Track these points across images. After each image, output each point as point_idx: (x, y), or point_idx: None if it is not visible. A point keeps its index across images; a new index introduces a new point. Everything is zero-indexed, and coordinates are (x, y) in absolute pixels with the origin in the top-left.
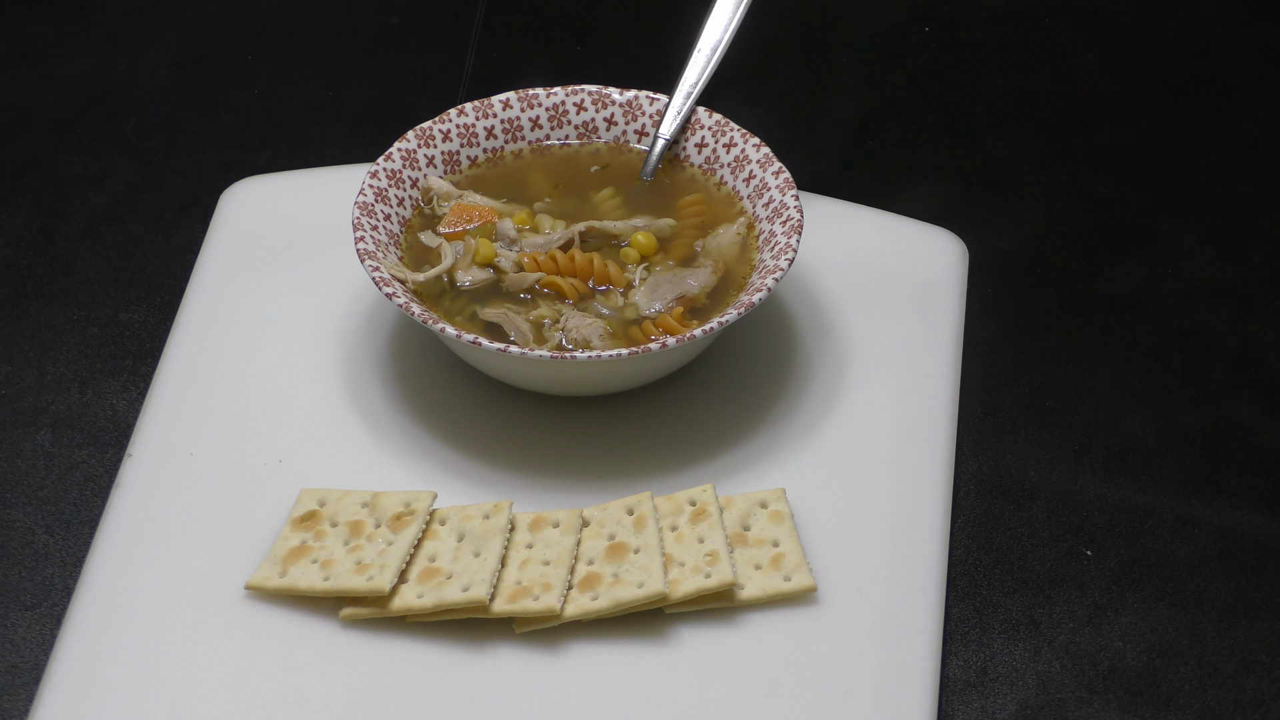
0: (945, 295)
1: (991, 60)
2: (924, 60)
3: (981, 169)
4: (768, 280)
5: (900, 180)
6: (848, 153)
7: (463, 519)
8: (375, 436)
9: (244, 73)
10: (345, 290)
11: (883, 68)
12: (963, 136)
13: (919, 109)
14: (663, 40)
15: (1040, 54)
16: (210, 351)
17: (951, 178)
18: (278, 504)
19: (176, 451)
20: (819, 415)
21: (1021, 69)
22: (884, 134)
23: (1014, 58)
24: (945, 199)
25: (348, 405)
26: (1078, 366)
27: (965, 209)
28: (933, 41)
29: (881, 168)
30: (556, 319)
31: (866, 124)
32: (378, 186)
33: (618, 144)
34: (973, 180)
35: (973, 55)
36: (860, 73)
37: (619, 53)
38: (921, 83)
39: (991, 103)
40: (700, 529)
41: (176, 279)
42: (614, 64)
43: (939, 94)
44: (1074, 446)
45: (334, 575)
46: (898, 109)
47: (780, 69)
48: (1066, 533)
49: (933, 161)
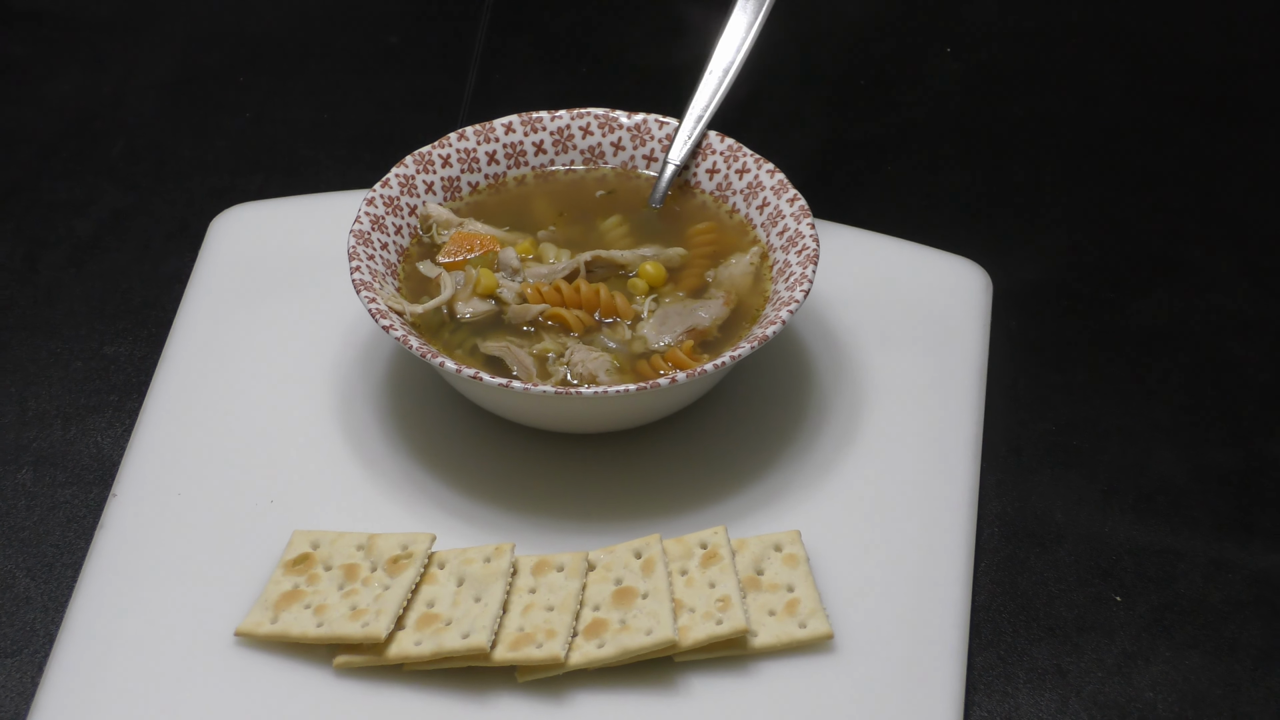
0: (967, 327)
1: (1014, 81)
2: (944, 82)
3: (1005, 195)
4: (782, 312)
5: (920, 207)
6: (865, 179)
7: (463, 562)
8: (371, 476)
9: (235, 94)
10: (340, 323)
11: (902, 89)
12: (985, 161)
13: (939, 132)
14: (673, 62)
15: (1065, 75)
16: (199, 386)
17: (974, 204)
18: (269, 546)
19: (163, 491)
20: (835, 454)
21: (1046, 90)
22: (903, 159)
23: (1038, 79)
24: (967, 227)
25: (342, 443)
26: (1105, 402)
27: (988, 237)
28: (953, 62)
29: (901, 194)
30: (561, 353)
31: (885, 148)
32: (374, 214)
33: (625, 169)
34: (996, 207)
35: (995, 76)
36: (878, 95)
37: (627, 74)
38: (942, 105)
39: (1015, 126)
40: (711, 573)
41: (164, 310)
42: (622, 86)
43: (960, 117)
44: (1102, 487)
45: (328, 621)
46: (917, 132)
47: (795, 91)
48: (1094, 577)
49: (954, 187)
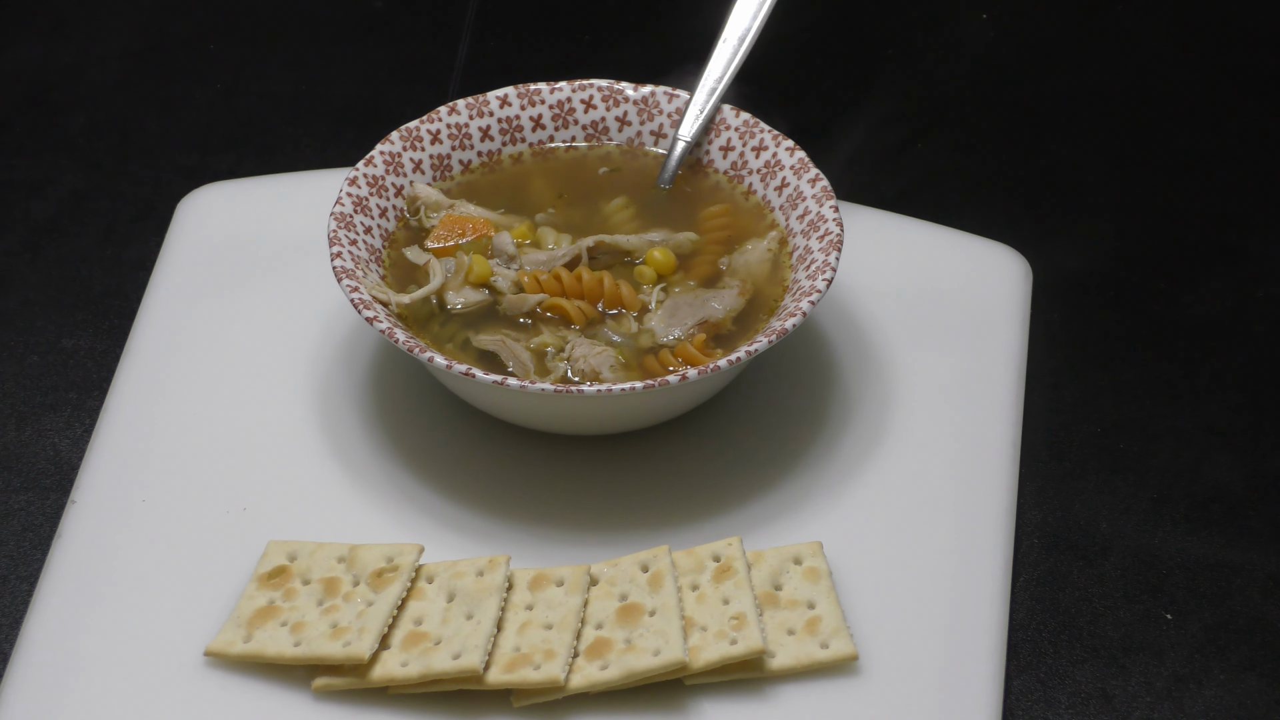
0: (1005, 321)
1: (1058, 51)
2: (981, 53)
3: (1047, 176)
4: (803, 303)
5: (954, 189)
6: (894, 158)
7: (453, 576)
8: (354, 481)
9: (205, 65)
10: (320, 314)
11: (934, 61)
12: (1025, 139)
13: (975, 107)
14: (683, 29)
15: (1113, 44)
16: (166, 383)
17: (1013, 186)
18: (242, 558)
19: (127, 498)
20: (861, 458)
21: (1092, 61)
22: (936, 136)
23: (1083, 48)
24: (1005, 210)
25: (322, 445)
26: (1155, 403)
27: (1028, 222)
28: (991, 31)
29: (932, 175)
30: (561, 347)
31: (916, 125)
32: (357, 195)
33: (631, 147)
34: (1037, 189)
35: (1036, 45)
36: (909, 67)
37: (633, 43)
38: (978, 78)
39: (1058, 100)
40: (725, 588)
41: (128, 300)
42: (627, 55)
43: (998, 90)
44: (1152, 494)
45: (306, 640)
46: (951, 108)
47: (818, 62)
48: (1143, 593)
49: (991, 168)
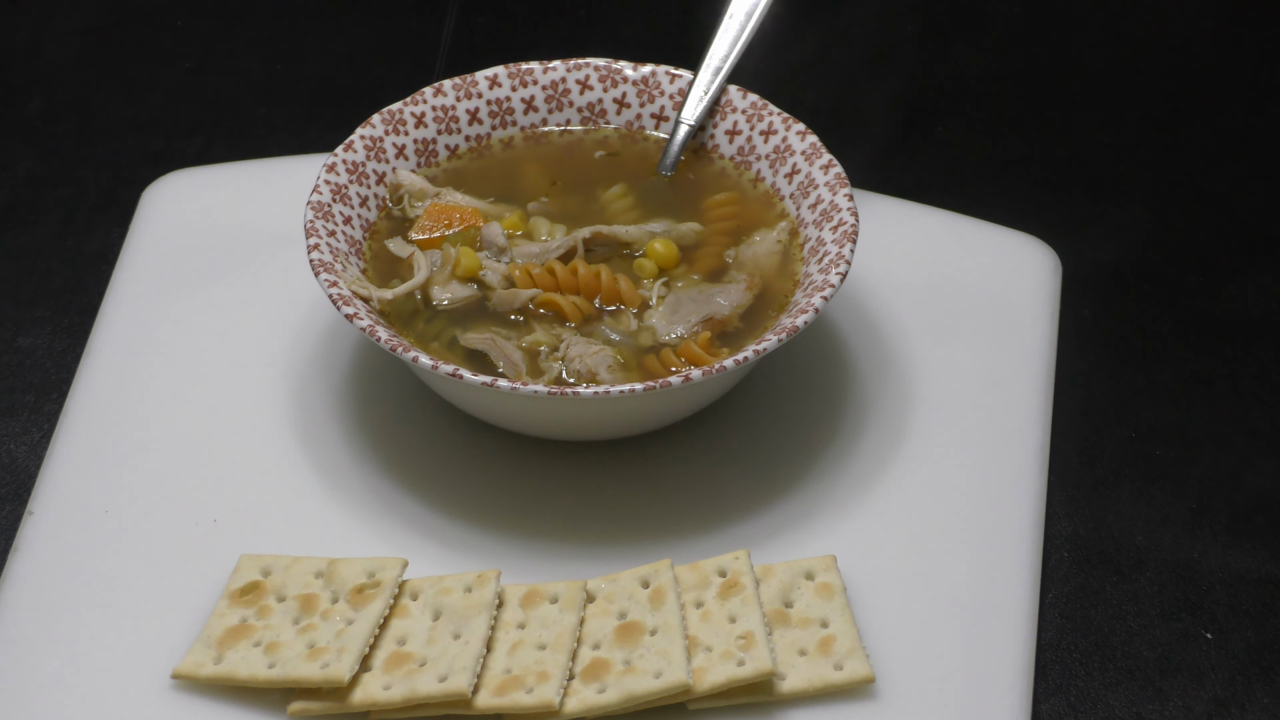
0: (1032, 317)
1: (1089, 27)
2: (1005, 28)
3: (1077, 161)
4: (815, 299)
5: (978, 176)
6: (913, 142)
7: (440, 592)
8: (332, 490)
9: (172, 41)
10: (295, 310)
11: (955, 36)
12: (1054, 122)
13: (999, 88)
14: (687, 3)
15: (1149, 19)
16: (130, 385)
17: (1040, 173)
18: (212, 573)
19: (88, 508)
20: (878, 466)
21: (1125, 38)
22: (957, 119)
23: (1116, 24)
24: (1033, 199)
25: (298, 451)
26: (1195, 405)
27: (1057, 211)
28: (1016, 5)
29: (955, 160)
30: (555, 346)
31: (936, 106)
32: (335, 183)
33: (630, 130)
34: (1066, 176)
35: (1065, 21)
36: (928, 43)
37: (632, 19)
38: (1003, 55)
39: (1089, 80)
40: (732, 605)
41: (89, 295)
42: (626, 32)
43: (1024, 69)
44: (1190, 504)
45: (281, 661)
46: (974, 88)
47: (830, 38)
48: (1181, 610)
49: (1017, 152)
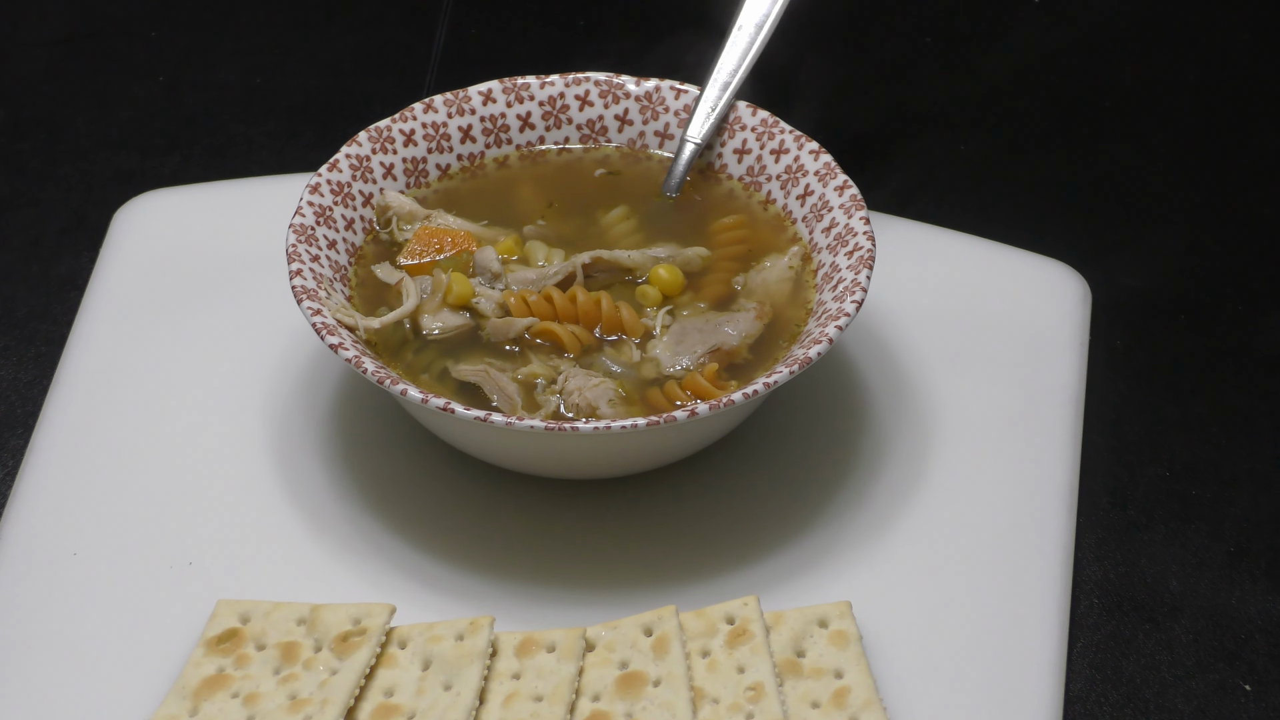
0: (1060, 348)
1: (1120, 40)
2: (1031, 41)
3: (1107, 182)
4: (829, 328)
5: (1001, 198)
6: (933, 162)
7: (429, 640)
8: (315, 531)
9: (145, 53)
10: (276, 340)
11: (977, 50)
12: (1082, 141)
13: (1025, 104)
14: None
15: (1183, 32)
16: (100, 419)
17: (1068, 194)
18: (187, 619)
19: (56, 550)
20: (895, 506)
21: (1159, 51)
22: (980, 137)
23: (1149, 37)
24: (1060, 222)
25: (279, 490)
26: (1233, 442)
27: (1086, 235)
28: (1042, 15)
29: (976, 181)
30: (553, 378)
31: (956, 124)
32: (319, 204)
33: (633, 149)
34: (1096, 197)
35: (1095, 34)
36: (949, 57)
37: (635, 30)
38: (1029, 70)
39: (1120, 96)
40: (740, 655)
41: (57, 324)
42: (628, 44)
43: (1051, 84)
44: (1228, 547)
45: (261, 714)
46: (998, 104)
47: (846, 52)
48: (1218, 660)
49: (1043, 173)
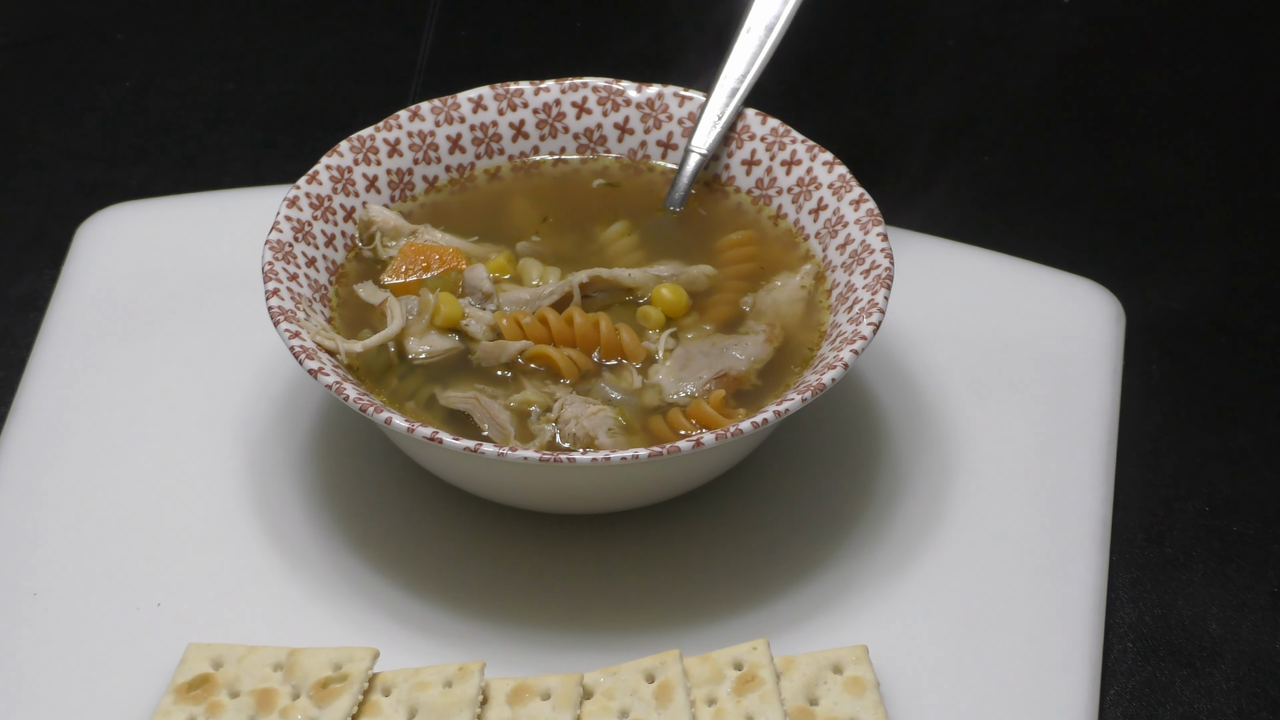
0: (1092, 374)
1: (1154, 44)
2: (1061, 47)
3: (1142, 197)
4: (844, 353)
5: (1028, 213)
6: (956, 174)
7: (415, 687)
8: (292, 570)
9: (111, 57)
10: (251, 364)
11: (1003, 55)
12: (1115, 151)
13: (1054, 113)
14: (698, 16)
15: (1222, 35)
16: (62, 449)
17: (1100, 210)
18: (156, 664)
19: (13, 590)
20: (915, 543)
21: (1196, 56)
22: (1005, 148)
23: (1186, 41)
24: (1092, 239)
25: (254, 525)
26: (1277, 475)
27: (1119, 253)
28: (1074, 18)
29: (1002, 196)
30: (548, 406)
31: (980, 134)
32: (298, 219)
33: (634, 160)
34: (1129, 213)
35: (1127, 37)
36: (972, 61)
37: (636, 33)
38: (1057, 77)
39: (1157, 103)
40: (749, 702)
41: (15, 347)
42: (628, 49)
43: (1082, 92)
44: (1272, 587)
45: None
46: (1023, 113)
47: (862, 56)
48: (1261, 709)
49: (1074, 186)
